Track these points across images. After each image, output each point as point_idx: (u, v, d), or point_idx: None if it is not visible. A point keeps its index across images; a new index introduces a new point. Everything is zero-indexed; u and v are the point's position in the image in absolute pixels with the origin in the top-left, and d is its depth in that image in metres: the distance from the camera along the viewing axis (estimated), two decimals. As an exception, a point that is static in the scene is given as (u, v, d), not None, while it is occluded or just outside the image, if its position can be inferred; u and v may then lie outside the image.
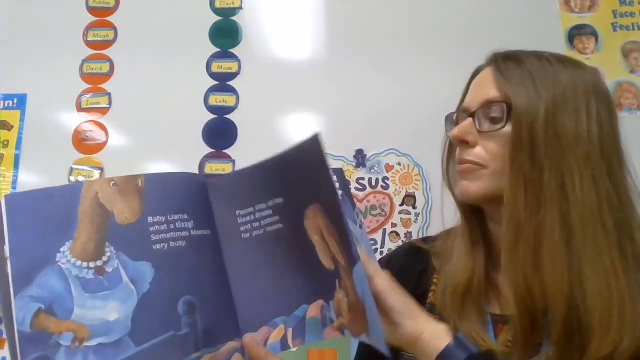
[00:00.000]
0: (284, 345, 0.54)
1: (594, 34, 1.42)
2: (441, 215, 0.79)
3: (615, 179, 0.63)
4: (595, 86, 0.67)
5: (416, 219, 1.33)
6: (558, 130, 0.62)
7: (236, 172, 0.59)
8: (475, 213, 0.73)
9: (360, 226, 0.75)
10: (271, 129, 1.39)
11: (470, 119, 0.68)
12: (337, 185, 0.75)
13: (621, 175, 0.64)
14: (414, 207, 1.34)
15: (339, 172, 0.78)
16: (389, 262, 0.80)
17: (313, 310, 0.54)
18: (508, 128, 0.64)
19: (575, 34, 1.42)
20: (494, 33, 1.39)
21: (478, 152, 0.67)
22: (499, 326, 0.68)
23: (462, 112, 0.71)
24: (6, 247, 0.45)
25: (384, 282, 0.57)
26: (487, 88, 0.68)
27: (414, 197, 1.35)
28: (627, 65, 1.39)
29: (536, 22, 1.41)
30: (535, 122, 0.62)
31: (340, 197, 0.74)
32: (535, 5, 1.42)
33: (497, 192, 0.65)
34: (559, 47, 1.38)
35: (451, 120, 0.75)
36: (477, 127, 0.67)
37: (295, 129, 1.41)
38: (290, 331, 0.54)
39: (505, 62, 0.69)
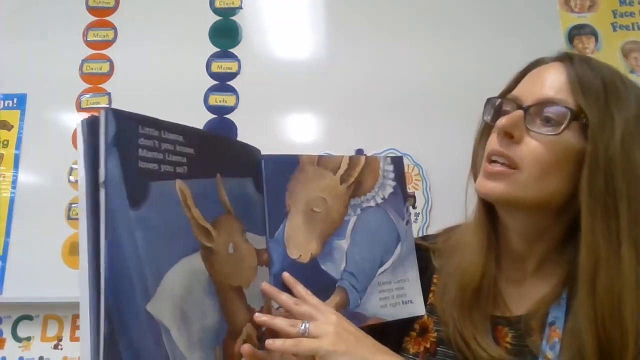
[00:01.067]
0: None
1: (594, 34, 1.42)
2: (464, 208, 0.74)
3: None
4: None
5: (416, 219, 1.33)
6: (632, 160, 0.58)
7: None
8: (491, 211, 0.70)
9: (407, 222, 0.73)
10: (271, 129, 1.39)
11: (521, 112, 0.62)
12: (392, 175, 0.73)
13: None
14: (414, 207, 1.34)
15: (399, 161, 0.75)
16: None
17: None
18: (566, 136, 0.59)
19: (575, 34, 1.42)
20: (494, 33, 1.39)
21: (520, 150, 0.61)
22: (498, 328, 0.67)
23: (511, 100, 0.65)
24: (101, 171, 0.43)
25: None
26: (553, 87, 0.62)
27: (414, 197, 1.34)
28: (627, 65, 1.39)
29: (536, 22, 1.41)
30: (610, 146, 0.58)
31: (393, 190, 0.73)
32: (535, 5, 1.42)
33: (523, 201, 0.62)
34: (559, 47, 1.38)
35: (493, 105, 0.68)
36: (527, 124, 0.61)
37: (295, 129, 1.41)
38: None
39: (581, 65, 0.63)
